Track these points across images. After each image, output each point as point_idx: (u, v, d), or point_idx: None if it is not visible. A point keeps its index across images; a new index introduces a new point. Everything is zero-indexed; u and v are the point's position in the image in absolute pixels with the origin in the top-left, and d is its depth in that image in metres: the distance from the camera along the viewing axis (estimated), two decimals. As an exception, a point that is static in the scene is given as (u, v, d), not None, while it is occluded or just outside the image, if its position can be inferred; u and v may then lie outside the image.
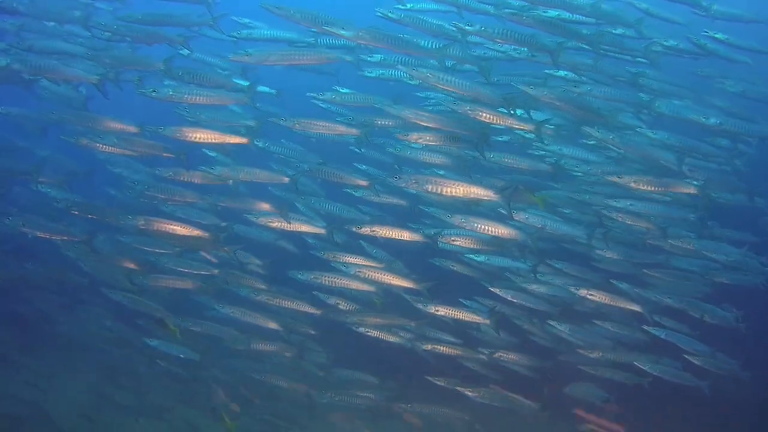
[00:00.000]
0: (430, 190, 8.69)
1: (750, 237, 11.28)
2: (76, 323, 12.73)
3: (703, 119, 9.27)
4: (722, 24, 10.99)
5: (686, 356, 10.20)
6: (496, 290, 10.43)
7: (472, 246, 9.93)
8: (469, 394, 10.12)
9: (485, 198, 8.71)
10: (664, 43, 10.33)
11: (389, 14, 9.24)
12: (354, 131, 10.01)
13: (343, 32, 8.24)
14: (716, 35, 10.92)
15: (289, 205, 11.27)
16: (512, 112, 8.87)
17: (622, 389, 10.75)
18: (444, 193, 8.69)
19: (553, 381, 10.97)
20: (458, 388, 10.08)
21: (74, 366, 13.06)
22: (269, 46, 11.22)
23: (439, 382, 10.19)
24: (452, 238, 9.67)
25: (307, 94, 10.69)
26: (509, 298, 10.42)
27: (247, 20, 11.98)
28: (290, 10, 8.76)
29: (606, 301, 10.09)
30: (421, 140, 9.38)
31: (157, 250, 10.19)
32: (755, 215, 11.69)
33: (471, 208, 10.26)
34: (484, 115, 8.77)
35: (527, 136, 10.08)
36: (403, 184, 8.94)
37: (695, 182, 9.56)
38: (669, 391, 10.63)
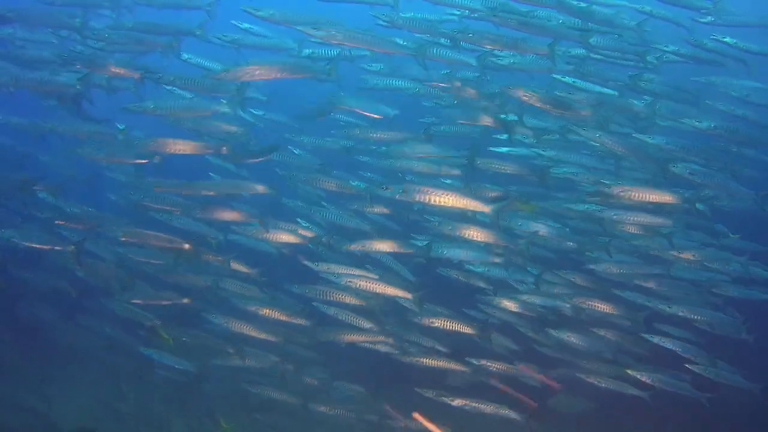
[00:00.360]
0: (418, 200, 8.53)
1: (758, 246, 11.10)
2: (77, 331, 12.67)
3: (696, 123, 9.02)
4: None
5: (686, 365, 10.02)
6: (488, 299, 10.33)
7: (462, 258, 9.80)
8: (456, 404, 9.97)
9: (476, 209, 8.55)
10: (665, 48, 10.14)
11: (382, 17, 9.43)
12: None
13: (314, 32, 8.08)
14: (725, 39, 10.75)
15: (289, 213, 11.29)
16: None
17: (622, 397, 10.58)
18: (433, 203, 8.54)
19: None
20: (444, 399, 9.92)
21: (78, 374, 13.03)
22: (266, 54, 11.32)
23: (427, 394, 10.06)
24: (443, 251, 9.53)
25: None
26: (503, 307, 10.28)
27: (247, 25, 11.93)
28: (269, 11, 8.79)
29: (601, 309, 9.99)
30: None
31: (153, 261, 10.13)
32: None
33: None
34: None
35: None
36: (391, 195, 8.80)
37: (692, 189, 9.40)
38: (668, 399, 10.45)
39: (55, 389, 12.40)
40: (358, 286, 9.57)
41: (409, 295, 9.61)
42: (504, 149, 10.65)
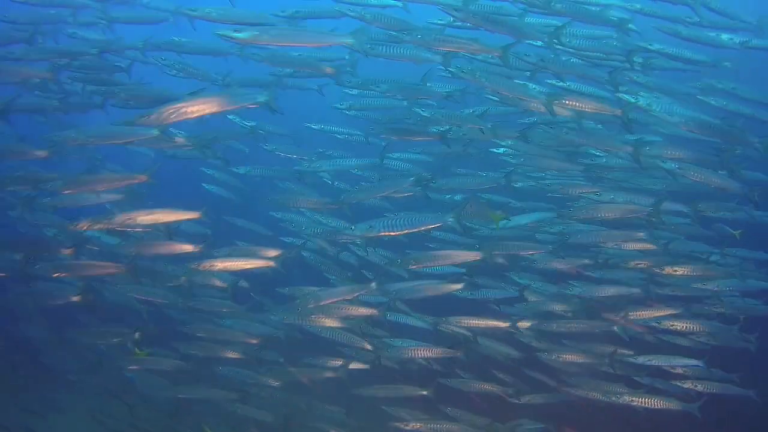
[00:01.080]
0: (385, 233, 8.33)
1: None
2: (69, 348, 12.63)
3: (668, 117, 8.52)
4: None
5: (674, 382, 9.83)
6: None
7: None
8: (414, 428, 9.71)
9: (438, 225, 8.37)
10: (649, 47, 9.64)
11: (349, 13, 9.19)
12: None
13: (236, 35, 7.45)
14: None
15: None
16: None
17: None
18: (400, 233, 8.39)
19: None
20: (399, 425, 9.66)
21: (71, 391, 13.08)
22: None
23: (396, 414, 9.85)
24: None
25: None
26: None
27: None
28: (205, 11, 8.62)
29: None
30: None
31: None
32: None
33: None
34: None
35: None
36: (360, 234, 8.55)
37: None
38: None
39: (49, 406, 12.44)
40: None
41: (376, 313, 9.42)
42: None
